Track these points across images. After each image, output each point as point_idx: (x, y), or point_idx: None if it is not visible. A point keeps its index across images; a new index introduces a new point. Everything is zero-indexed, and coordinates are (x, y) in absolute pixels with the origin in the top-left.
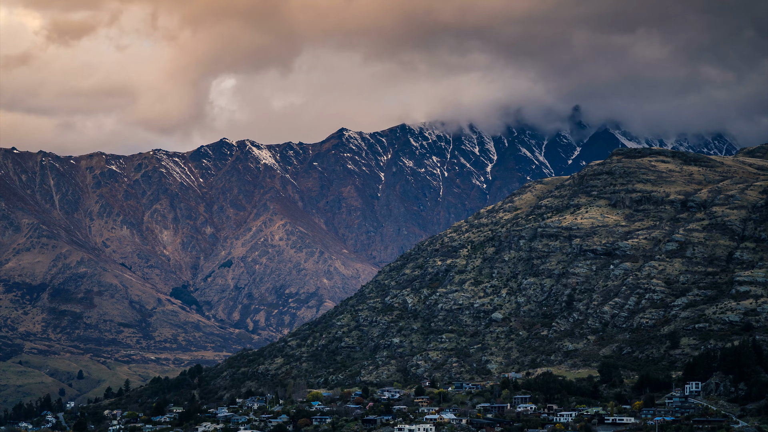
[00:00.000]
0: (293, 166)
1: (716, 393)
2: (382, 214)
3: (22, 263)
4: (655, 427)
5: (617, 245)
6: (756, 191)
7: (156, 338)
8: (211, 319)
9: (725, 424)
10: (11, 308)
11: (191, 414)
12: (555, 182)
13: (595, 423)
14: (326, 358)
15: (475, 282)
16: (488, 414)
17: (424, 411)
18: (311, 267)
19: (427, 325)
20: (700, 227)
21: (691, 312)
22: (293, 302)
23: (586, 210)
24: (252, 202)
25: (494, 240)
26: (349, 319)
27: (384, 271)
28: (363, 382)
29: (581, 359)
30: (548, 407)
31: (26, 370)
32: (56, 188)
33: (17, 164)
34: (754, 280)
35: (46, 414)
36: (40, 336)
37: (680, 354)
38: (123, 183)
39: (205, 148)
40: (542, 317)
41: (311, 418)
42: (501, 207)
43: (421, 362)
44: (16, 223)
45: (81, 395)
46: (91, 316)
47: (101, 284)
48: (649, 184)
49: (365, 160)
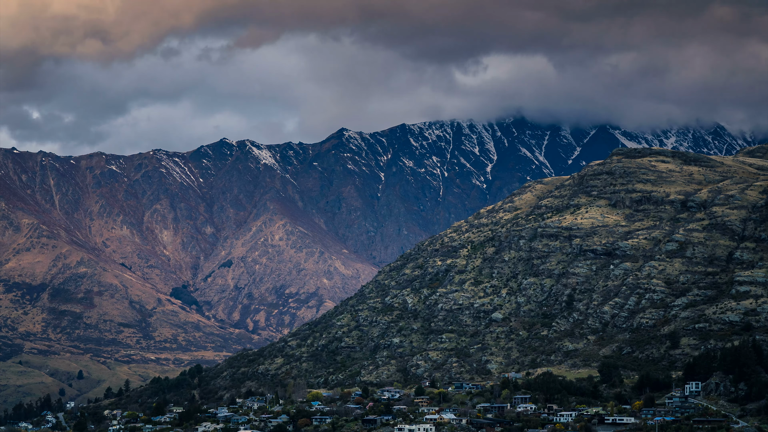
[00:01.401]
0: (293, 166)
1: (716, 393)
2: (382, 214)
3: (22, 263)
4: (655, 427)
5: (617, 245)
6: (756, 191)
7: (156, 338)
8: (211, 319)
9: (725, 424)
10: (11, 308)
11: (191, 414)
12: (555, 182)
13: (595, 423)
14: (326, 358)
15: (475, 282)
16: (488, 414)
17: (424, 411)
18: (311, 267)
19: (427, 325)
20: (700, 227)
21: (691, 312)
22: (293, 302)
23: (586, 210)
24: (252, 202)
25: (494, 240)
26: (349, 319)
27: (384, 271)
28: (363, 382)
29: (581, 359)
30: (548, 407)
31: (26, 370)
32: (56, 188)
33: (17, 164)
34: (754, 280)
35: (46, 414)
36: (40, 336)
37: (680, 354)
38: (123, 183)
39: (205, 148)
40: (542, 317)
41: (311, 418)
42: (501, 207)
43: (421, 362)
44: (16, 223)
45: (81, 395)
46: (91, 316)
47: (101, 284)
48: (649, 184)
49: (365, 160)
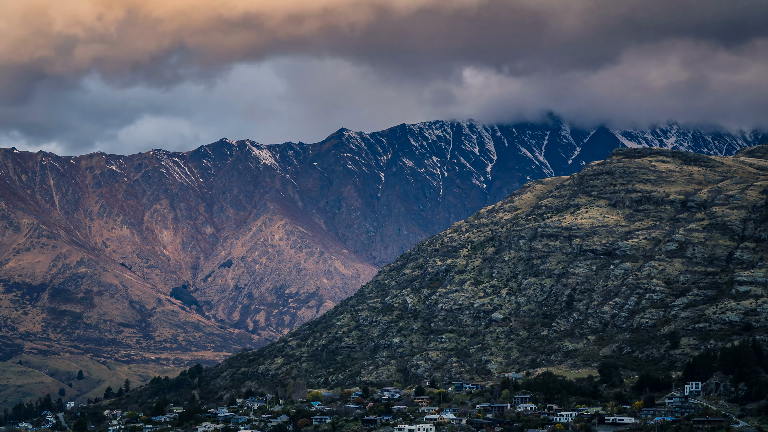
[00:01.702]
0: (293, 166)
1: (716, 393)
2: (382, 214)
3: (22, 263)
4: (655, 427)
5: (617, 245)
6: (756, 191)
7: (156, 338)
8: (211, 319)
9: (725, 424)
10: (11, 308)
11: (191, 414)
12: (555, 182)
13: (595, 423)
14: (326, 358)
15: (475, 282)
16: (488, 414)
17: (424, 411)
18: (311, 267)
19: (427, 325)
20: (700, 227)
21: (691, 312)
22: (293, 302)
23: (586, 210)
24: (252, 202)
25: (494, 240)
26: (349, 319)
27: (384, 271)
28: (363, 382)
29: (581, 359)
30: (548, 407)
31: (26, 370)
32: (56, 188)
33: (17, 164)
34: (754, 280)
35: (46, 414)
36: (40, 336)
37: (680, 354)
38: (123, 183)
39: (205, 148)
40: (542, 317)
41: (311, 418)
42: (501, 207)
43: (421, 362)
44: (16, 223)
45: (81, 395)
46: (91, 316)
47: (101, 284)
48: (649, 184)
49: (365, 160)
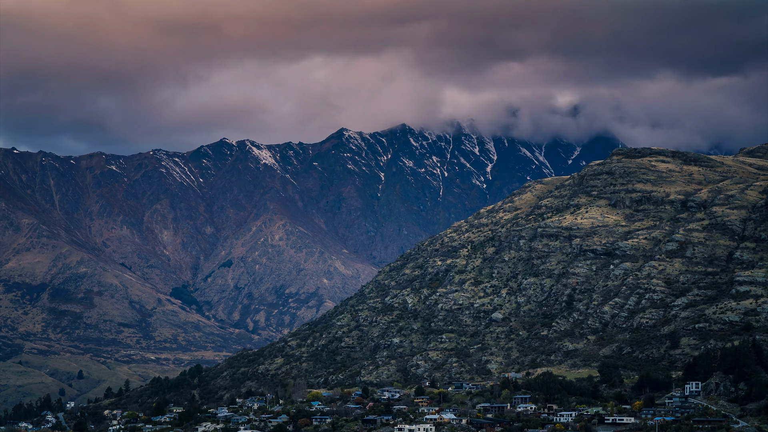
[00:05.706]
0: (293, 166)
1: (716, 393)
2: (383, 214)
3: (22, 263)
4: (655, 427)
5: (617, 245)
6: (756, 191)
7: (156, 338)
8: (211, 319)
9: (725, 424)
10: (11, 308)
11: (191, 414)
12: (555, 182)
13: (595, 423)
14: (326, 358)
15: (475, 282)
16: (488, 414)
17: (424, 411)
18: (311, 267)
19: (427, 325)
20: (700, 227)
21: (691, 312)
22: (293, 302)
23: (586, 210)
24: (252, 202)
25: (494, 240)
26: (349, 319)
27: (384, 271)
28: (363, 382)
29: (581, 359)
30: (548, 407)
31: (26, 370)
32: (56, 188)
33: (17, 164)
34: (754, 280)
35: (46, 414)
36: (40, 336)
37: (680, 354)
38: (123, 183)
39: (205, 148)
40: (542, 317)
41: (311, 418)
42: (501, 207)
43: (421, 362)
44: (16, 223)
45: (81, 395)
46: (91, 316)
47: (101, 284)
48: (649, 184)
49: (365, 160)
